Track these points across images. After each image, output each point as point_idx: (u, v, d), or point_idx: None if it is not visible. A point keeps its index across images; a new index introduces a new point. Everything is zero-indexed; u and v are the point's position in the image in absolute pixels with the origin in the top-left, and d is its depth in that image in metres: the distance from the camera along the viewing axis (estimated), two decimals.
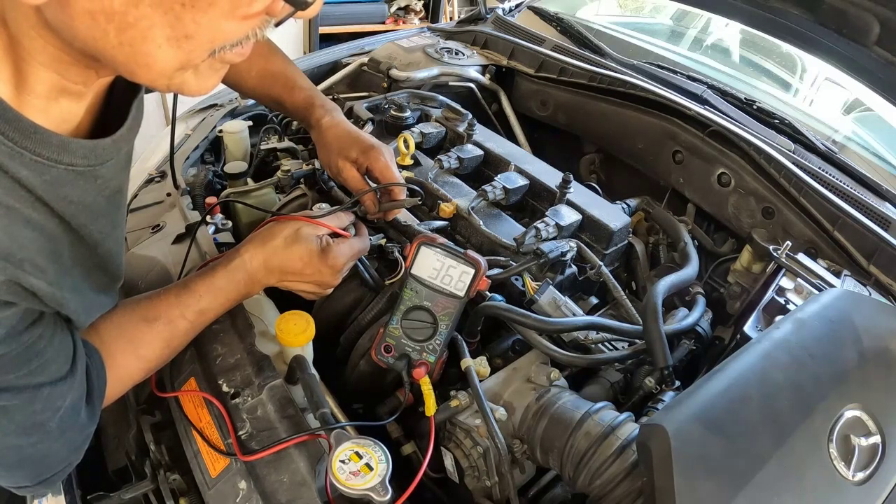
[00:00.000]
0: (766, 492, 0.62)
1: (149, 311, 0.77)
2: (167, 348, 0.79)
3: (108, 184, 0.61)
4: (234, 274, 0.82)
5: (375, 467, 0.66)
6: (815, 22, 1.31)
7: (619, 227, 1.08)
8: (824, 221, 1.14)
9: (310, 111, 1.04)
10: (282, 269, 0.83)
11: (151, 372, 0.81)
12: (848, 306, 0.84)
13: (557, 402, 0.80)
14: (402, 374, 0.84)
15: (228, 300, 0.82)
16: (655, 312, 0.86)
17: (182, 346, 0.82)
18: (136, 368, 0.77)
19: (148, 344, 0.76)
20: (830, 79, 1.91)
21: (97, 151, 0.57)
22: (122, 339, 0.74)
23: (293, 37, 4.02)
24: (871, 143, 1.61)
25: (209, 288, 0.80)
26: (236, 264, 0.82)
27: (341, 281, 0.89)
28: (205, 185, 1.25)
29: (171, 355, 0.81)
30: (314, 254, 0.83)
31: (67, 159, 0.54)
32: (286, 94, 1.05)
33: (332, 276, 0.85)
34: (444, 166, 1.19)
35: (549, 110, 1.61)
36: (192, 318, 0.79)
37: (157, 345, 0.77)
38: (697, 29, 2.27)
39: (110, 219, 0.64)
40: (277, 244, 0.83)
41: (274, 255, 0.82)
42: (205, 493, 0.74)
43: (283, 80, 1.05)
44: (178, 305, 0.78)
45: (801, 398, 0.71)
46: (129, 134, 0.61)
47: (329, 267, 0.83)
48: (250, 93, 1.09)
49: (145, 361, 0.77)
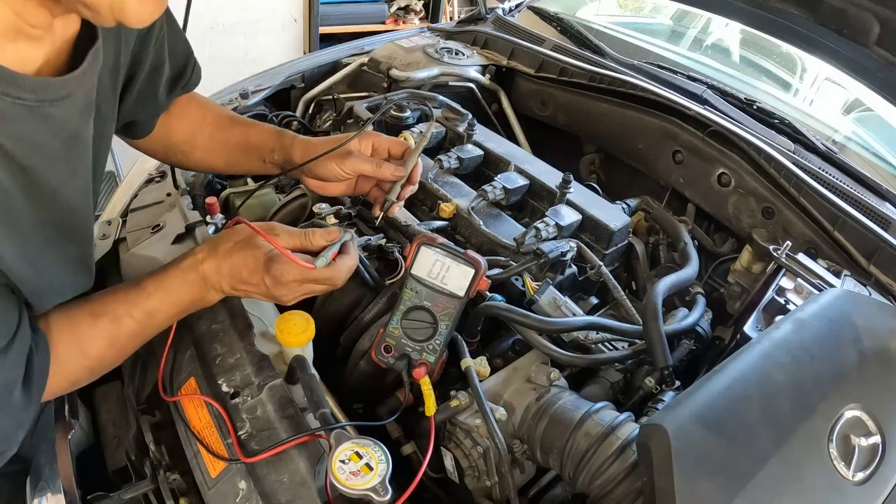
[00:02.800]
0: (766, 492, 0.62)
1: (97, 305, 0.74)
2: (112, 347, 0.74)
3: (61, 126, 0.60)
4: (187, 274, 0.77)
5: (375, 467, 0.66)
6: (815, 22, 1.31)
7: (619, 227, 1.08)
8: (824, 221, 1.14)
9: (281, 135, 0.98)
10: (230, 274, 0.78)
11: (96, 373, 0.76)
12: (848, 306, 0.84)
13: (557, 402, 0.80)
14: (402, 374, 0.84)
15: (180, 302, 0.78)
16: (655, 312, 0.86)
17: (129, 348, 0.77)
18: (79, 365, 0.73)
19: (91, 340, 0.72)
20: (830, 79, 1.91)
21: (46, 88, 0.57)
22: (67, 331, 0.71)
23: (293, 37, 4.03)
24: (871, 143, 1.61)
25: (158, 286, 0.76)
26: (188, 263, 0.78)
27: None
28: (205, 185, 1.25)
29: (118, 356, 0.77)
30: (259, 262, 0.77)
31: (15, 92, 0.54)
32: (251, 133, 0.99)
33: (277, 290, 0.77)
34: (444, 166, 1.19)
35: (549, 110, 1.61)
36: (139, 318, 0.75)
37: (101, 342, 0.73)
38: (697, 29, 2.27)
39: (68, 165, 0.63)
40: (228, 247, 0.78)
41: (224, 259, 0.78)
42: (205, 493, 0.74)
43: (241, 126, 1.00)
44: (126, 303, 0.74)
45: (801, 398, 0.71)
46: (84, 77, 0.61)
47: (272, 278, 0.76)
48: (217, 158, 1.02)
49: (88, 359, 0.73)
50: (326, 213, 1.05)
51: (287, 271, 0.76)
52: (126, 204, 1.25)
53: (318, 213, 1.06)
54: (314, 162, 0.93)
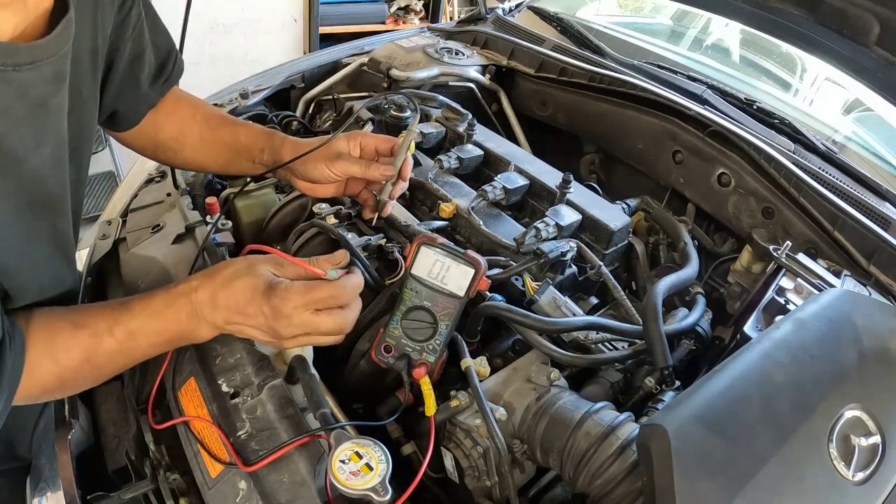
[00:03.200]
0: (766, 492, 0.62)
1: (80, 317, 0.71)
2: (87, 362, 0.70)
3: (27, 91, 0.60)
4: (176, 299, 0.72)
5: (375, 467, 0.66)
6: (815, 22, 1.31)
7: (619, 227, 1.08)
8: (824, 221, 1.14)
9: (271, 136, 0.98)
10: (226, 305, 0.72)
11: (68, 385, 0.73)
12: (848, 306, 0.84)
13: (557, 402, 0.80)
14: (402, 374, 0.84)
15: (166, 329, 0.73)
16: (655, 312, 0.86)
17: (107, 368, 0.73)
18: (48, 372, 0.69)
19: (67, 350, 0.69)
20: (830, 79, 1.91)
21: (10, 52, 0.57)
22: (42, 335, 0.68)
23: (293, 37, 4.03)
24: (871, 143, 1.61)
25: (144, 308, 0.72)
26: (180, 290, 0.73)
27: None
28: (205, 185, 1.25)
29: (94, 374, 0.73)
30: (258, 290, 0.71)
31: None
32: (241, 133, 0.98)
33: (276, 322, 0.71)
34: (444, 166, 1.19)
35: (549, 110, 1.61)
36: (120, 337, 0.70)
37: (76, 354, 0.69)
38: (697, 29, 2.27)
39: (33, 132, 0.63)
40: (226, 274, 0.73)
41: (221, 288, 0.72)
42: (205, 493, 0.74)
43: (230, 126, 1.00)
44: (110, 319, 0.71)
45: (801, 398, 0.71)
46: (51, 45, 0.61)
47: (271, 308, 0.70)
48: (207, 157, 1.01)
49: (59, 367, 0.69)
50: (326, 214, 1.05)
51: (288, 298, 0.70)
52: (126, 204, 1.25)
53: (317, 212, 1.06)
54: (304, 164, 0.93)
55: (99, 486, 0.81)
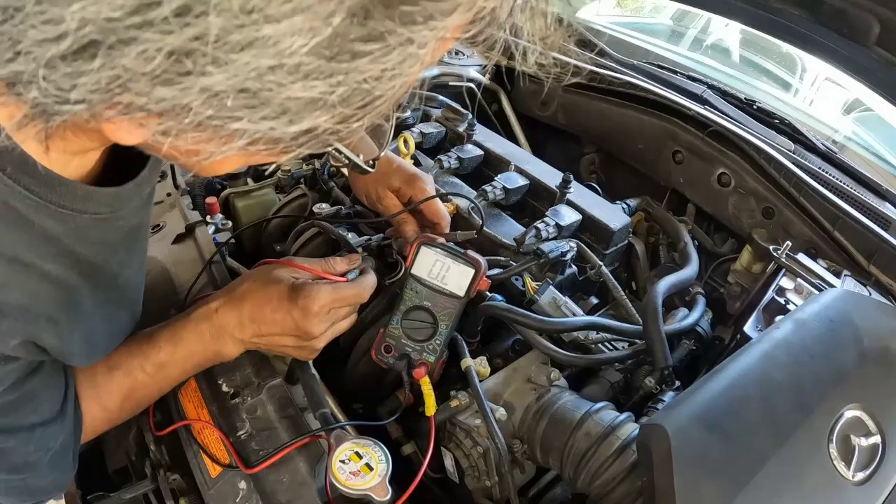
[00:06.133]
0: (766, 492, 0.62)
1: (112, 358, 0.71)
2: (128, 400, 0.73)
3: (128, 223, 0.61)
4: (198, 324, 0.73)
5: (375, 467, 0.66)
6: (815, 22, 1.31)
7: (619, 227, 1.08)
8: (824, 221, 1.14)
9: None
10: (252, 319, 0.73)
11: (115, 423, 0.75)
12: (848, 306, 0.84)
13: (557, 402, 0.80)
14: (402, 374, 0.84)
15: (193, 354, 0.74)
16: (655, 312, 0.86)
17: (145, 400, 0.76)
18: (99, 418, 0.72)
19: (109, 394, 0.71)
20: (830, 79, 1.91)
21: (120, 197, 0.57)
22: (86, 383, 0.70)
23: None
24: (871, 143, 1.61)
25: (170, 338, 0.73)
26: (201, 313, 0.74)
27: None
28: (205, 185, 1.25)
29: (136, 408, 0.76)
30: (283, 294, 0.72)
31: (92, 208, 0.54)
32: None
33: (306, 322, 0.72)
34: (444, 166, 1.19)
35: (549, 110, 1.61)
36: (150, 371, 0.72)
37: (118, 395, 0.72)
38: (697, 29, 2.27)
39: (129, 251, 0.64)
40: (245, 289, 0.74)
41: (243, 301, 0.73)
42: (205, 493, 0.74)
43: None
44: (139, 356, 0.72)
45: (801, 398, 0.71)
46: (151, 174, 0.60)
47: (300, 309, 0.71)
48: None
49: (107, 411, 0.72)
50: (326, 214, 1.05)
51: (316, 296, 0.72)
52: None
53: (318, 212, 1.06)
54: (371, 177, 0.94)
55: (99, 486, 0.80)
